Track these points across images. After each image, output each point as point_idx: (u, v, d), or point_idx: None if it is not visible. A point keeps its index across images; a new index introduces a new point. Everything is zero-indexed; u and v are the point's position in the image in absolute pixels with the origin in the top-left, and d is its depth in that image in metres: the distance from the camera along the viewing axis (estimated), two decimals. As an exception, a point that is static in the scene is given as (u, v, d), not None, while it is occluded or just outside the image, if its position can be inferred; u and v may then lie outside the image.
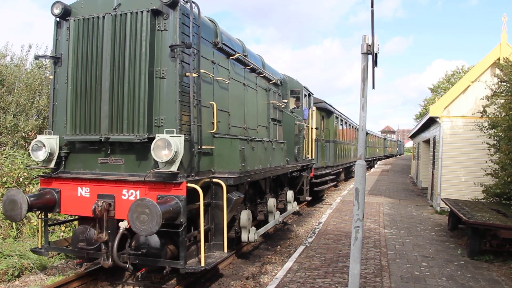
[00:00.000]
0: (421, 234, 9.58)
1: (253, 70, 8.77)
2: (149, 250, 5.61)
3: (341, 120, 20.41)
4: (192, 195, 5.62)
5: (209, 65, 6.67)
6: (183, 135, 5.39)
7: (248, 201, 8.15)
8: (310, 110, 12.86)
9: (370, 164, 35.98)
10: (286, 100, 11.39)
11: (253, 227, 7.64)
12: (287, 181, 10.76)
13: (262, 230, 8.22)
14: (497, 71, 10.65)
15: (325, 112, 16.91)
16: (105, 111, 5.79)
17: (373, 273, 6.44)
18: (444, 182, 12.66)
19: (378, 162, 44.14)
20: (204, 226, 6.30)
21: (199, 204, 5.56)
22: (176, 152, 5.22)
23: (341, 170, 20.80)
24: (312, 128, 12.91)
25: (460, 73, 37.30)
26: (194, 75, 5.89)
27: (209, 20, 6.90)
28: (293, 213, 12.80)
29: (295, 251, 7.92)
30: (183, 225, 5.33)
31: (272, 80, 10.10)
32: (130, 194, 5.63)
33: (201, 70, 6.20)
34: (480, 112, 10.35)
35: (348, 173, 25.06)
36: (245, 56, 8.14)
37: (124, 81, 5.69)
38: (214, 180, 6.26)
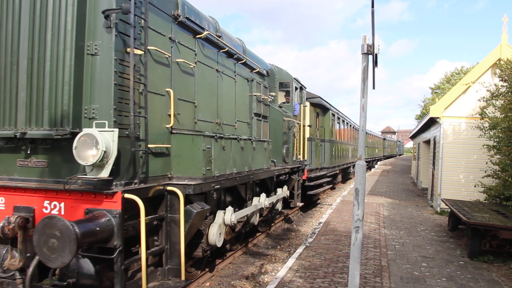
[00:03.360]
0: (421, 234, 9.39)
1: (230, 55, 7.41)
2: (79, 279, 4.31)
3: (338, 118, 18.99)
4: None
5: (166, 43, 5.30)
6: (117, 129, 4.06)
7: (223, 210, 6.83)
8: (302, 105, 11.51)
9: (369, 165, 34.68)
10: (273, 93, 10.04)
11: (230, 207, 6.39)
12: (274, 186, 9.42)
13: (247, 210, 7.19)
14: (497, 71, 10.32)
15: (320, 108, 15.52)
16: (22, 98, 4.47)
17: (373, 273, 6.33)
18: (444, 183, 12.49)
19: (378, 163, 42.89)
20: (158, 246, 5.02)
21: (146, 219, 4.26)
22: (105, 152, 3.88)
23: (338, 171, 19.45)
24: (304, 126, 11.59)
25: (459, 74, 36.96)
26: (139, 52, 4.55)
27: (168, -13, 5.53)
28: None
29: (295, 251, 7.71)
30: (118, 249, 4.01)
31: (255, 69, 8.74)
32: (53, 207, 4.34)
33: (152, 47, 4.85)
34: (479, 114, 10.30)
35: (346, 174, 23.70)
36: (219, 36, 6.77)
37: (45, 60, 4.36)
38: (169, 188, 4.92)
